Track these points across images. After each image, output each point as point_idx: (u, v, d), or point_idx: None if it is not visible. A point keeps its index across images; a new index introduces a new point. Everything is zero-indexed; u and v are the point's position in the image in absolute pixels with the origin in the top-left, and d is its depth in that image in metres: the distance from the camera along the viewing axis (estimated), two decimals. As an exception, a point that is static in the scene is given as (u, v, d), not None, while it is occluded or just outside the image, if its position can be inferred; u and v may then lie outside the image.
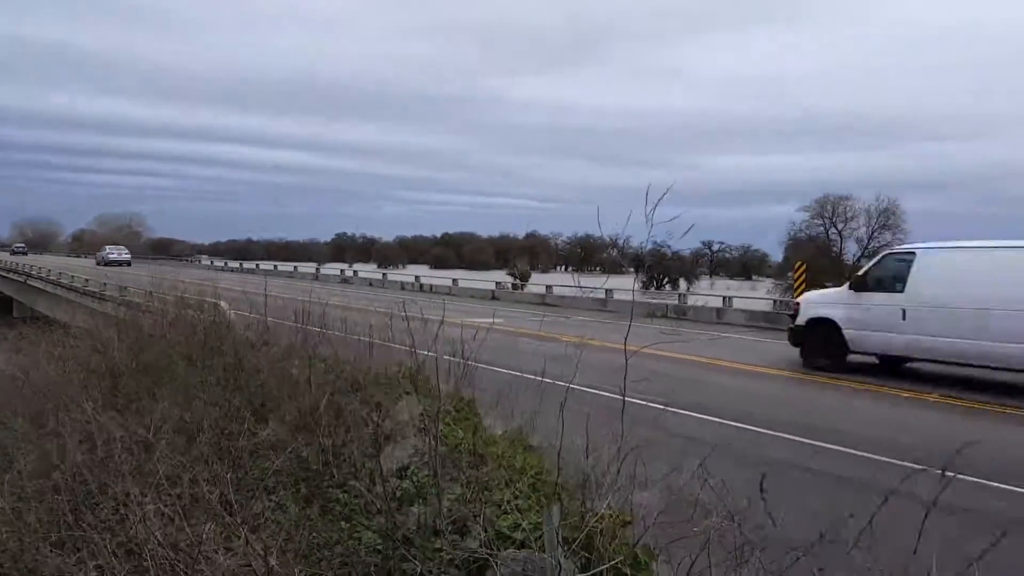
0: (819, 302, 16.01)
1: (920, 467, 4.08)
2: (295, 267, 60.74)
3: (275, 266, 63.04)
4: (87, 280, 32.62)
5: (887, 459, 8.39)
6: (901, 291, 14.08)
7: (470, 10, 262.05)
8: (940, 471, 3.40)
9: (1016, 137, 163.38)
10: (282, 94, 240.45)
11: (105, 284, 27.70)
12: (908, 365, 15.40)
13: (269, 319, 11.04)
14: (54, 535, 5.57)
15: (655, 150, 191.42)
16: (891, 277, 14.59)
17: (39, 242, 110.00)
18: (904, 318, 13.95)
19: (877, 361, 15.24)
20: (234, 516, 4.71)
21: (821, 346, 15.25)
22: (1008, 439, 10.11)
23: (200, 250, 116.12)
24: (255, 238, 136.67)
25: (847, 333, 14.88)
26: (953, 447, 3.70)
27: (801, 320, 15.83)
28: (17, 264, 52.97)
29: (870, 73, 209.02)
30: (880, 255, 16.96)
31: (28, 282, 44.81)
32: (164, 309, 12.88)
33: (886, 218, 46.39)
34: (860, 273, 15.58)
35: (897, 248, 18.97)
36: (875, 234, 46.80)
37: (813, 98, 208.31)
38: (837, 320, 15.01)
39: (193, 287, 15.63)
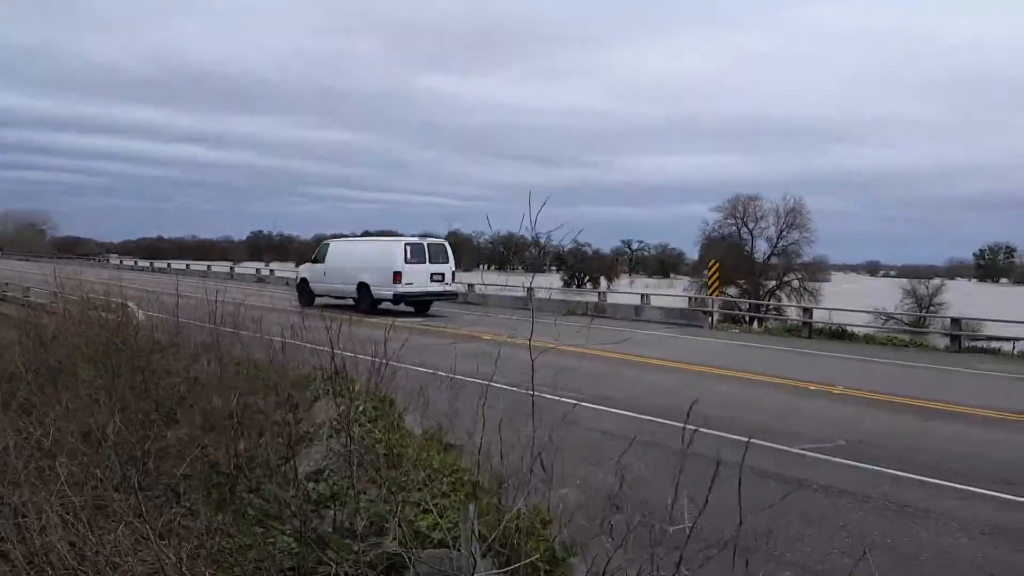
0: (304, 269, 29.14)
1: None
2: (208, 266, 58.91)
3: (187, 265, 61.04)
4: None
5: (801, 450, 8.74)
6: (323, 262, 27.48)
7: (384, 6, 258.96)
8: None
9: (904, 141, 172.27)
10: (190, 87, 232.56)
11: (7, 284, 26.34)
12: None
13: (180, 320, 10.72)
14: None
15: (572, 150, 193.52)
16: (322, 254, 27.81)
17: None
18: (325, 275, 27.19)
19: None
20: (143, 522, 4.57)
21: (307, 294, 27.51)
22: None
23: (109, 249, 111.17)
24: (167, 236, 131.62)
25: (312, 286, 27.69)
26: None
27: (297, 280, 29.37)
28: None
29: (778, 77, 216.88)
30: (321, 244, 29.72)
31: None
32: (68, 310, 12.33)
33: (793, 217, 47.86)
34: (314, 254, 28.78)
35: (326, 240, 31.29)
36: (783, 233, 48.29)
37: (724, 101, 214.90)
38: (308, 278, 28.16)
39: (101, 287, 15.03)
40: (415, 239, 26.98)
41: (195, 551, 4.27)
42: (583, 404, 7.75)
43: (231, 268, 58.25)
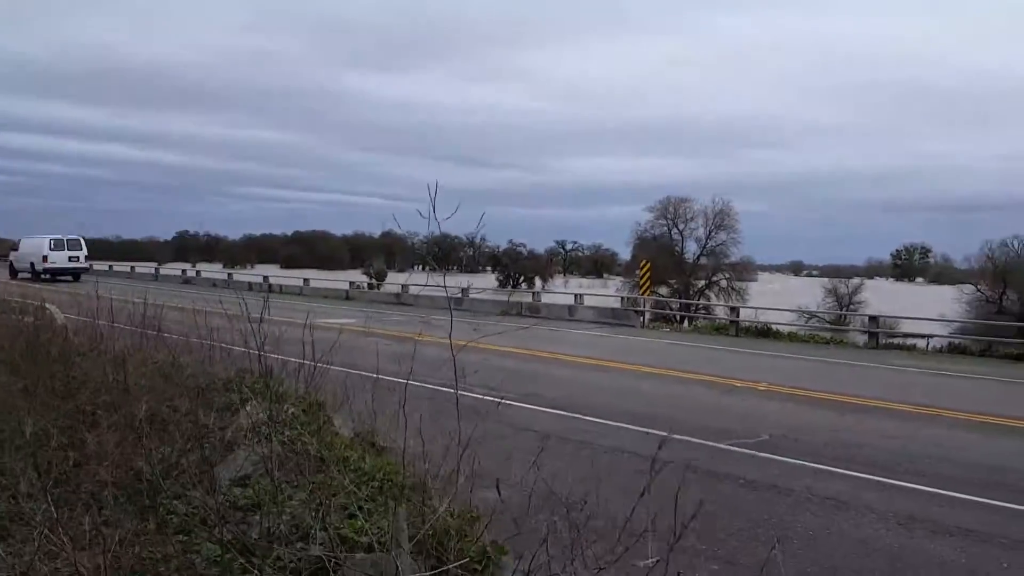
0: (11, 255, 45.60)
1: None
2: (132, 267, 57.08)
3: (110, 266, 58.97)
4: None
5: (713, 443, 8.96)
6: (19, 251, 45.56)
7: (310, 4, 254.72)
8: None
9: (820, 146, 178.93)
10: (109, 83, 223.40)
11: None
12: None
13: (102, 323, 10.37)
14: None
15: (504, 151, 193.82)
16: (18, 247, 46.08)
17: None
18: (17, 259, 44.95)
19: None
20: (58, 534, 4.41)
21: (12, 271, 42.87)
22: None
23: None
24: (90, 236, 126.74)
25: (15, 265, 44.27)
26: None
27: (8, 262, 45.44)
28: None
29: (694, 82, 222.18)
30: (20, 240, 46.75)
31: None
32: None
33: (721, 219, 49.03)
34: (15, 247, 46.73)
35: (25, 238, 46.61)
36: (712, 234, 49.42)
37: (645, 104, 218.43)
38: (12, 261, 45.17)
39: (18, 289, 14.43)
40: (58, 236, 44.01)
41: (114, 561, 4.14)
42: (513, 403, 7.79)
43: (156, 269, 56.58)
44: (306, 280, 42.66)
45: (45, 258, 42.52)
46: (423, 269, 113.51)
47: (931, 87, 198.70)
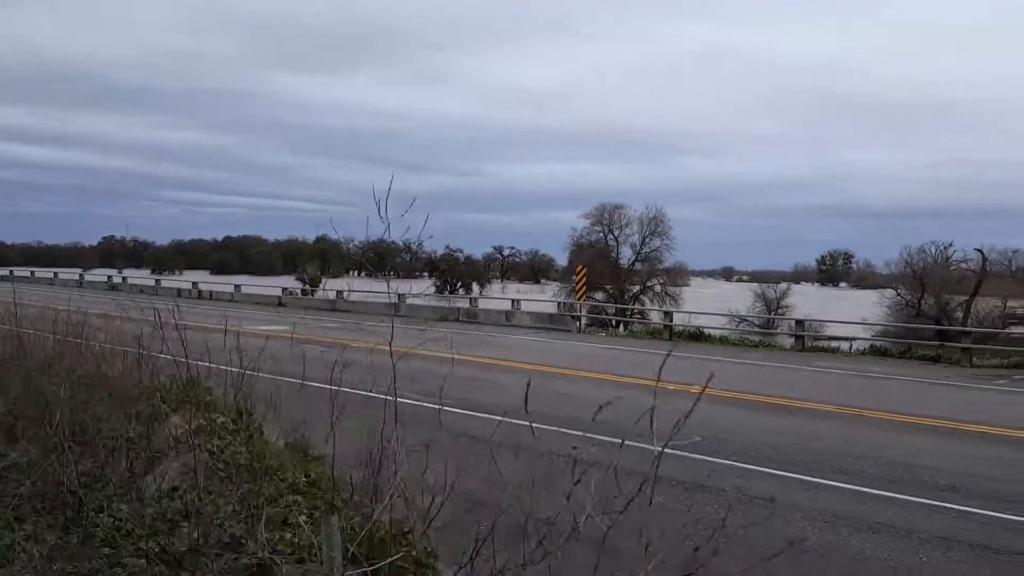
0: None
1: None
2: (55, 273, 55.12)
3: (32, 272, 56.80)
4: None
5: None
6: None
7: (238, 4, 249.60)
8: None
9: (748, 154, 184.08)
10: (25, 81, 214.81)
11: None
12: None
13: (22, 331, 9.98)
14: None
15: (440, 156, 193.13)
16: None
17: None
18: None
19: None
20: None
21: None
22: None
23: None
24: (9, 242, 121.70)
25: None
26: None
27: None
28: None
29: (630, 90, 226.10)
30: None
31: None
32: None
33: (655, 225, 49.83)
34: None
35: None
36: (646, 240, 50.14)
37: (583, 111, 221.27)
38: None
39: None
40: None
41: (36, 578, 4.00)
42: (451, 409, 7.78)
43: (80, 276, 54.70)
44: (237, 286, 41.79)
45: None
46: (359, 274, 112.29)
47: (850, 96, 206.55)
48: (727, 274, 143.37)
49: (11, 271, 59.40)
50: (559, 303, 37.59)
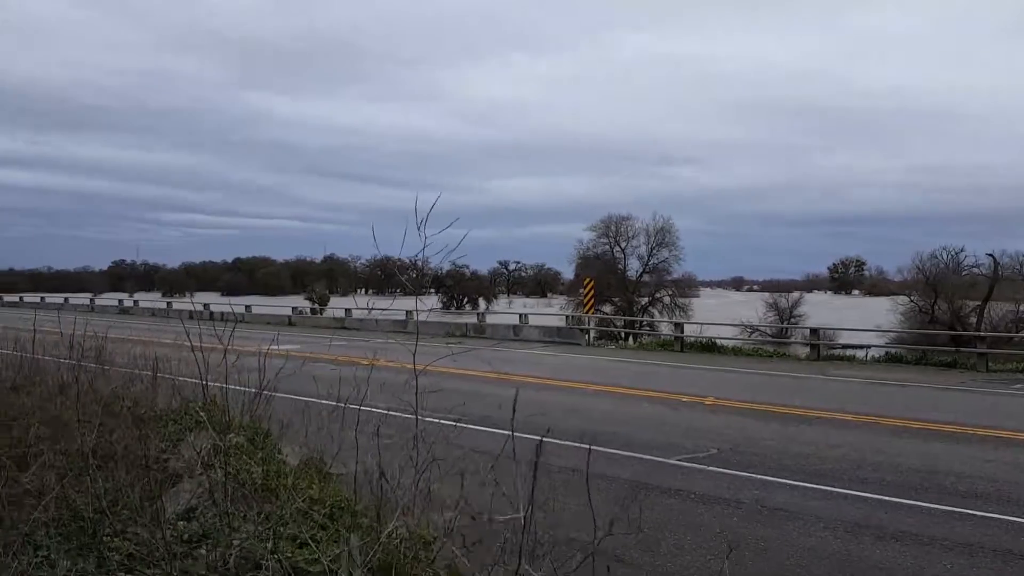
0: None
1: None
2: (66, 299, 55.34)
3: (42, 298, 57.10)
4: None
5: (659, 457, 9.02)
6: None
7: (215, 26, 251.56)
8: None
9: (724, 165, 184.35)
10: (15, 107, 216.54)
11: None
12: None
13: (36, 356, 10.01)
14: None
15: (424, 172, 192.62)
16: None
17: None
18: None
19: None
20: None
21: None
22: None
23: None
24: (17, 268, 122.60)
25: None
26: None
27: None
28: None
29: (606, 102, 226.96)
30: None
31: None
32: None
33: (663, 236, 49.76)
34: None
35: None
36: (654, 251, 50.08)
37: (572, 124, 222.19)
38: None
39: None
40: None
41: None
42: (463, 425, 7.74)
43: (91, 300, 54.94)
44: (248, 307, 41.86)
45: None
46: (365, 292, 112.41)
47: (831, 104, 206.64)
48: (737, 284, 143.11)
49: (21, 297, 59.84)
50: (567, 316, 37.51)
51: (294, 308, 42.91)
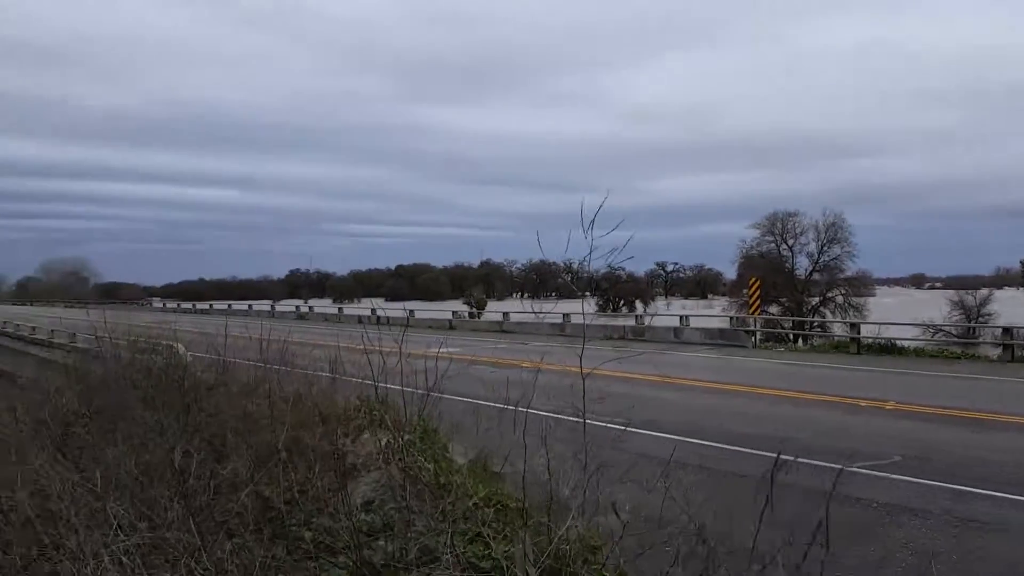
0: None
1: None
2: (249, 305, 59.72)
3: (229, 305, 61.99)
4: (34, 328, 31.57)
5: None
6: None
7: (378, 46, 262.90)
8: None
9: (936, 153, 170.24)
10: (208, 131, 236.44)
11: (53, 332, 26.95)
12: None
13: (228, 359, 10.89)
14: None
15: (588, 175, 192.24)
16: None
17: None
18: None
19: None
20: (196, 561, 4.60)
21: None
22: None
23: (151, 293, 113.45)
24: (207, 278, 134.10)
25: None
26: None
27: None
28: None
29: (791, 95, 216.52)
30: None
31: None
32: (117, 354, 12.59)
33: (834, 232, 47.10)
34: None
35: None
36: (825, 248, 47.50)
37: (731, 120, 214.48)
38: None
39: (146, 330, 15.32)
40: None
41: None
42: (628, 429, 7.66)
43: (272, 306, 59.00)
44: (411, 312, 43.55)
45: None
46: (521, 296, 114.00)
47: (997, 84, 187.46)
48: (917, 281, 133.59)
49: (211, 305, 65.27)
50: (731, 318, 36.31)
51: (454, 312, 44.20)
